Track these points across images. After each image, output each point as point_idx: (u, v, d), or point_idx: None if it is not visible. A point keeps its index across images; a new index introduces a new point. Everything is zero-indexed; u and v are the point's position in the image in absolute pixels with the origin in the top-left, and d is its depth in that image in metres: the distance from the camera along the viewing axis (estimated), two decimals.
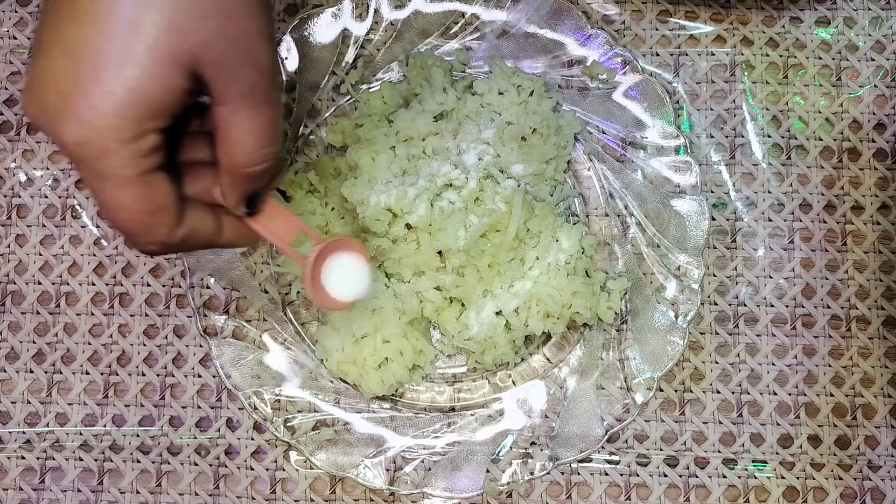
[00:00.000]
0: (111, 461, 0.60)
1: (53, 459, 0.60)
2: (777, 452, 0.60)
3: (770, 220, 0.63)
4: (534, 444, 0.58)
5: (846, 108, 0.65)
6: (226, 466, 0.60)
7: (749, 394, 0.61)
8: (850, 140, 0.64)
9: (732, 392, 0.61)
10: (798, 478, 0.60)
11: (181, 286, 0.62)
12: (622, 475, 0.60)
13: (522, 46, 0.64)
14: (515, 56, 0.64)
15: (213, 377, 0.61)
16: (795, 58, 0.65)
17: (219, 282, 0.61)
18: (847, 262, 0.63)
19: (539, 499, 0.59)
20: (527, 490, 0.59)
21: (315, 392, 0.59)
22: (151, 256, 0.62)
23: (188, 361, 0.62)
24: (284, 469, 0.60)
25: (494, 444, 0.59)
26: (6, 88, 0.65)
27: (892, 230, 0.63)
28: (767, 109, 0.65)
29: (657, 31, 0.66)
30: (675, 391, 0.61)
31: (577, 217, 0.62)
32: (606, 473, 0.60)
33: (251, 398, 0.59)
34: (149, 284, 0.62)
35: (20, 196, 0.64)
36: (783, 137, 0.64)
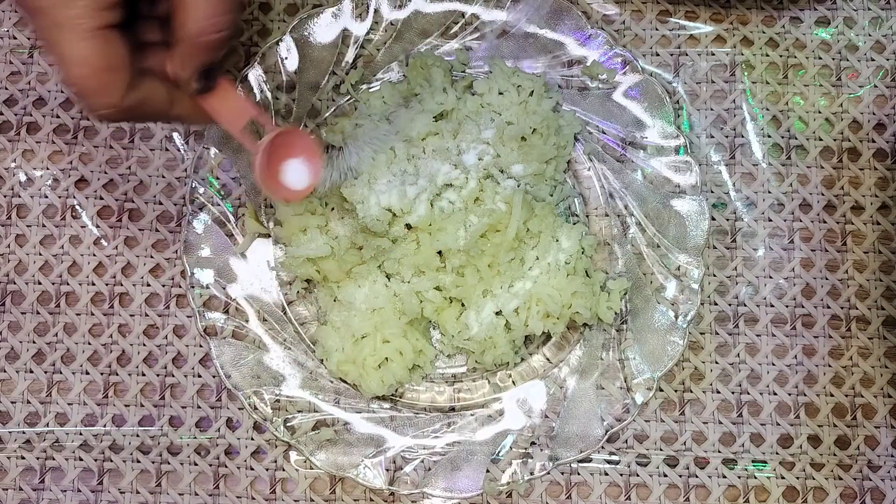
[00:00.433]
0: (111, 461, 0.60)
1: (53, 459, 0.60)
2: (777, 452, 0.60)
3: (770, 220, 0.63)
4: (534, 444, 0.58)
5: (846, 108, 0.65)
6: (226, 466, 0.60)
7: (749, 394, 0.61)
8: (850, 140, 0.64)
9: (732, 392, 0.61)
10: (798, 478, 0.60)
11: (181, 286, 0.62)
12: (622, 475, 0.60)
13: (522, 46, 0.64)
14: (515, 56, 0.64)
15: (213, 377, 0.61)
16: (795, 58, 0.65)
17: (219, 282, 0.61)
18: (847, 262, 0.63)
19: (539, 499, 0.59)
20: (527, 490, 0.59)
21: (315, 392, 0.59)
22: (107, 123, 0.63)
23: (188, 361, 0.62)
24: (284, 469, 0.60)
25: (494, 444, 0.59)
26: (6, 88, 0.65)
27: (892, 230, 0.63)
28: (767, 109, 0.65)
29: (657, 31, 0.66)
30: (675, 391, 0.61)
31: (577, 217, 0.62)
32: (606, 473, 0.60)
33: (251, 398, 0.59)
34: (149, 284, 0.62)
35: (20, 196, 0.64)
36: (783, 137, 0.64)
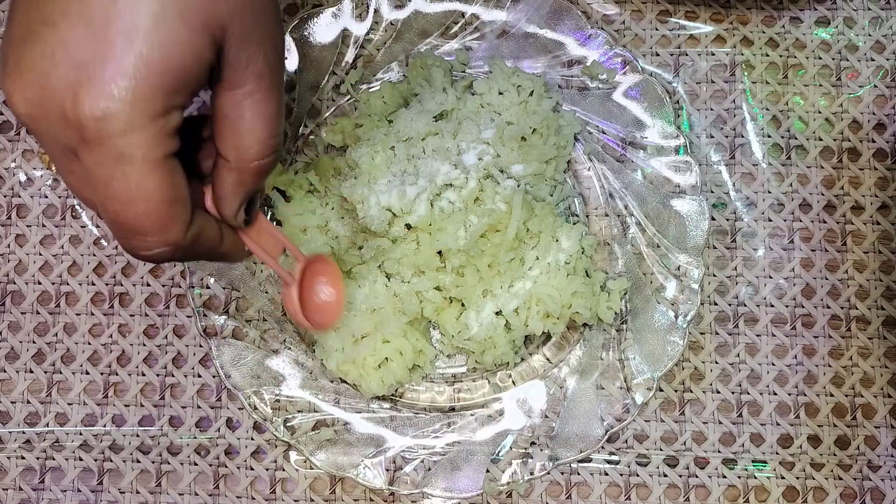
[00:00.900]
0: (111, 461, 0.60)
1: (53, 459, 0.60)
2: (777, 452, 0.60)
3: (770, 220, 0.63)
4: (534, 444, 0.58)
5: (846, 108, 0.65)
6: (226, 466, 0.60)
7: (749, 394, 0.61)
8: (850, 140, 0.64)
9: (732, 392, 0.61)
10: (798, 478, 0.60)
11: (181, 286, 0.62)
12: (622, 475, 0.60)
13: (522, 46, 0.64)
14: (515, 56, 0.64)
15: (213, 377, 0.61)
16: (795, 58, 0.65)
17: (219, 282, 0.61)
18: (847, 262, 0.63)
19: (539, 499, 0.59)
20: (527, 490, 0.59)
21: (315, 392, 0.59)
22: (153, 263, 0.58)
23: (188, 361, 0.62)
24: (284, 469, 0.60)
25: (494, 444, 0.59)
26: None
27: (892, 230, 0.63)
28: (767, 109, 0.65)
29: (657, 31, 0.66)
30: (675, 391, 0.61)
31: (577, 217, 0.62)
32: (606, 473, 0.60)
33: (251, 398, 0.59)
34: (149, 284, 0.62)
35: (20, 196, 0.64)
36: (783, 137, 0.64)
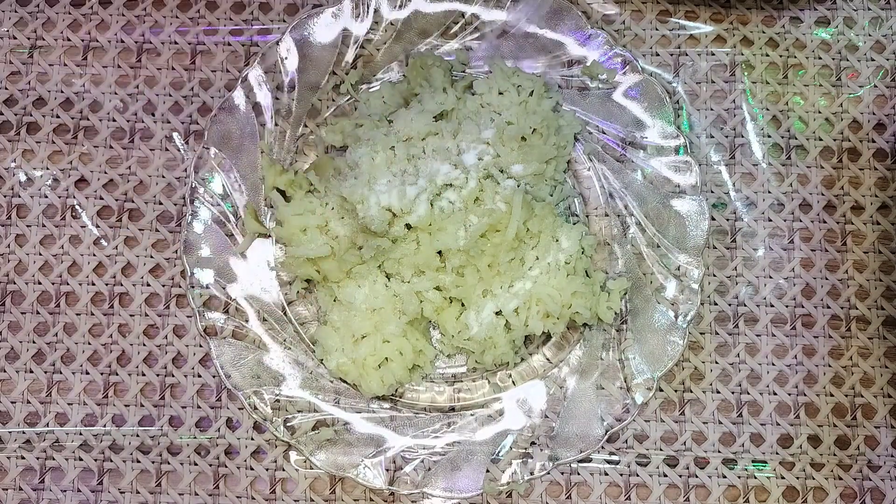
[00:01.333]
0: (111, 461, 0.60)
1: (53, 459, 0.60)
2: (777, 452, 0.60)
3: (770, 220, 0.63)
4: (534, 444, 0.58)
5: (846, 108, 0.65)
6: (226, 466, 0.60)
7: (749, 394, 0.61)
8: (850, 140, 0.64)
9: (732, 392, 0.61)
10: (798, 478, 0.60)
11: (181, 286, 0.62)
12: (622, 475, 0.60)
13: (522, 46, 0.64)
14: (515, 56, 0.64)
15: (213, 377, 0.61)
16: (795, 58, 0.65)
17: (219, 282, 0.61)
18: (847, 262, 0.63)
19: (539, 499, 0.59)
20: (527, 490, 0.59)
21: (315, 392, 0.59)
22: None
23: (188, 361, 0.62)
24: (284, 469, 0.60)
25: (494, 444, 0.59)
26: (6, 88, 0.65)
27: (892, 230, 0.63)
28: (767, 109, 0.65)
29: (657, 31, 0.66)
30: (675, 391, 0.61)
31: (577, 217, 0.62)
32: (606, 473, 0.60)
33: (251, 398, 0.59)
34: (149, 284, 0.62)
35: (20, 196, 0.64)
36: (783, 137, 0.64)
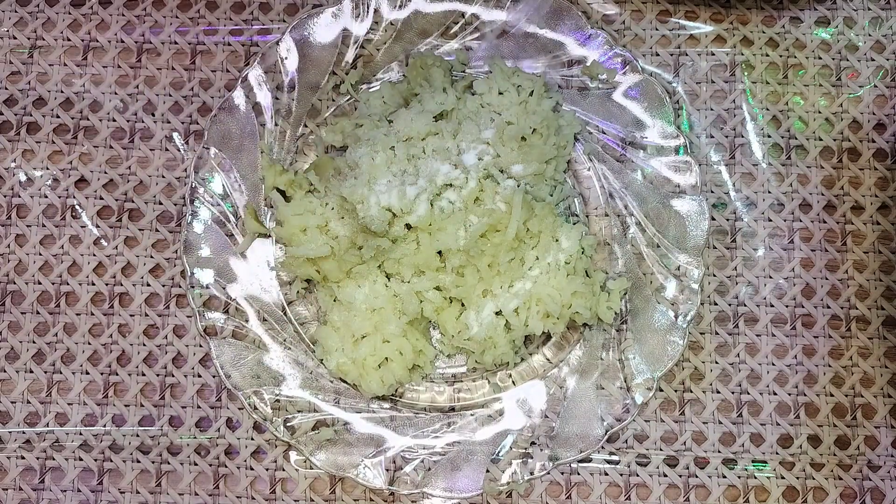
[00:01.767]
0: (111, 461, 0.60)
1: (53, 459, 0.60)
2: (777, 452, 0.60)
3: (770, 220, 0.63)
4: (534, 444, 0.58)
5: (846, 108, 0.65)
6: (226, 466, 0.60)
7: (749, 394, 0.61)
8: (850, 140, 0.64)
9: (732, 392, 0.61)
10: (798, 478, 0.60)
11: (181, 286, 0.62)
12: (622, 475, 0.60)
13: (522, 46, 0.64)
14: (515, 56, 0.64)
15: (213, 377, 0.61)
16: (795, 58, 0.65)
17: (219, 282, 0.61)
18: (847, 262, 0.63)
19: (539, 499, 0.59)
20: (527, 490, 0.59)
21: (315, 392, 0.59)
22: None
23: (188, 361, 0.62)
24: (284, 469, 0.60)
25: (494, 444, 0.59)
26: (6, 88, 0.65)
27: (892, 230, 0.63)
28: (767, 109, 0.65)
29: (657, 31, 0.66)
30: (675, 391, 0.61)
31: (577, 217, 0.62)
32: (606, 473, 0.60)
33: (251, 398, 0.59)
34: (149, 284, 0.62)
35: (20, 196, 0.64)
36: (783, 137, 0.64)
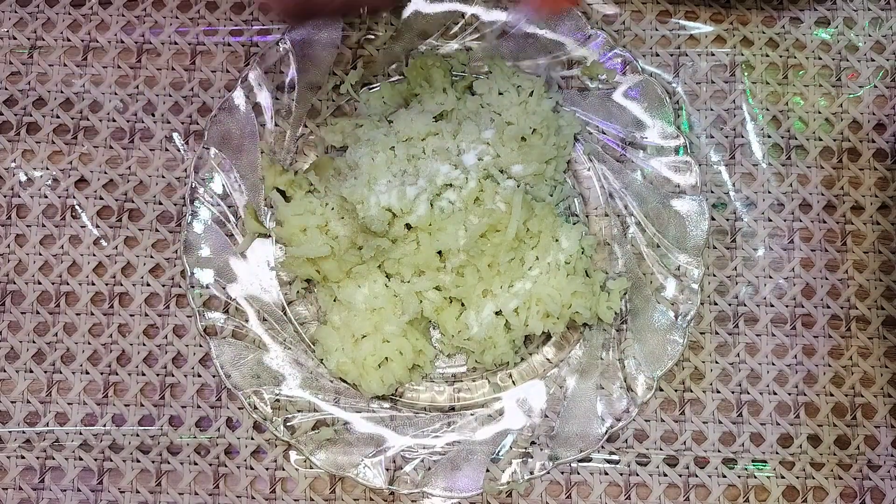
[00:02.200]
0: (111, 461, 0.60)
1: (53, 459, 0.60)
2: (777, 452, 0.60)
3: (770, 220, 0.63)
4: (534, 444, 0.58)
5: (846, 109, 0.65)
6: (226, 466, 0.60)
7: (749, 394, 0.61)
8: (850, 140, 0.64)
9: (732, 392, 0.61)
10: (798, 477, 0.60)
11: (181, 286, 0.62)
12: (622, 475, 0.60)
13: (522, 46, 0.64)
14: (515, 56, 0.64)
15: (213, 377, 0.61)
16: (795, 58, 0.65)
17: (219, 282, 0.61)
18: (847, 262, 0.63)
19: (539, 498, 0.59)
20: (527, 490, 0.59)
21: (315, 392, 0.59)
22: (294, 20, 0.60)
23: (188, 361, 0.62)
24: (284, 469, 0.60)
25: (494, 444, 0.59)
26: (6, 88, 0.65)
27: (892, 230, 0.63)
28: (767, 110, 0.65)
29: (657, 32, 0.66)
30: (675, 391, 0.61)
31: (577, 217, 0.62)
32: (606, 473, 0.60)
33: (251, 398, 0.59)
34: (149, 284, 0.62)
35: (20, 196, 0.64)
36: (783, 137, 0.64)
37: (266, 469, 0.60)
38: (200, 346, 0.62)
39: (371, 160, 0.58)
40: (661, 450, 0.60)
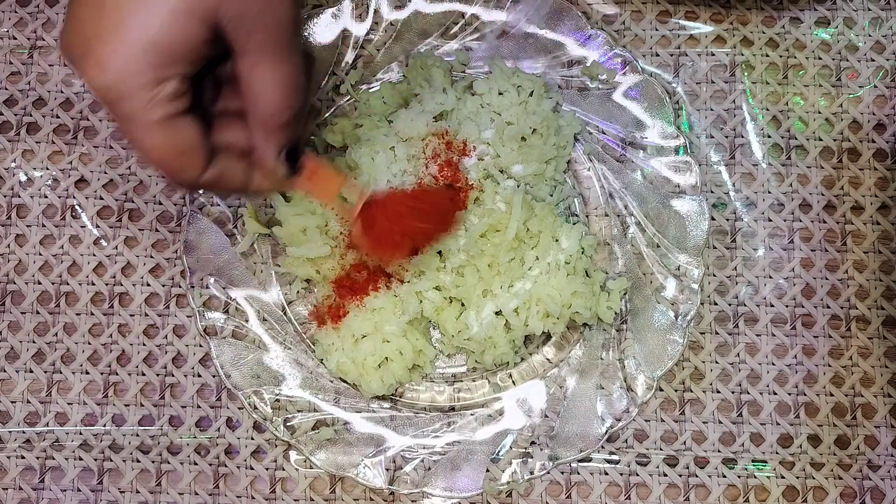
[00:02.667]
0: (111, 461, 0.60)
1: (53, 459, 0.60)
2: (777, 452, 0.60)
3: (770, 220, 0.63)
4: (534, 444, 0.58)
5: (846, 109, 0.65)
6: (226, 466, 0.60)
7: (749, 394, 0.61)
8: (850, 140, 0.64)
9: (732, 392, 0.61)
10: (798, 477, 0.60)
11: (181, 286, 0.62)
12: (622, 475, 0.60)
13: (522, 46, 0.64)
14: (515, 56, 0.64)
15: (213, 377, 0.61)
16: (795, 58, 0.65)
17: (219, 282, 0.61)
18: (847, 262, 0.63)
19: (539, 498, 0.59)
20: (527, 490, 0.59)
21: (315, 392, 0.59)
22: (190, 190, 0.62)
23: (188, 361, 0.62)
24: (284, 469, 0.60)
25: (494, 444, 0.59)
26: (6, 88, 0.65)
27: (892, 230, 0.63)
28: (767, 110, 0.65)
29: (657, 32, 0.66)
30: (675, 391, 0.61)
31: (577, 217, 0.62)
32: (606, 473, 0.60)
33: (251, 398, 0.59)
34: (149, 284, 0.62)
35: (20, 196, 0.64)
36: (783, 137, 0.64)
37: (266, 469, 0.60)
38: (200, 346, 0.62)
39: (371, 160, 0.58)
40: (661, 450, 0.60)
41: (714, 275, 0.62)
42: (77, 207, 0.64)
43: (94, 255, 0.63)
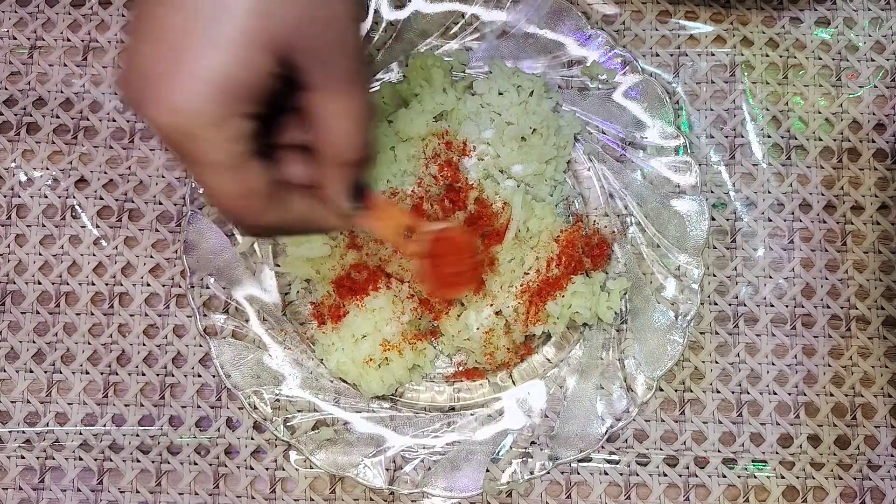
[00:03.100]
0: (111, 461, 0.60)
1: (53, 459, 0.60)
2: (777, 452, 0.60)
3: (770, 220, 0.63)
4: (534, 444, 0.58)
5: (846, 109, 0.65)
6: (226, 466, 0.60)
7: (749, 394, 0.61)
8: (850, 140, 0.64)
9: (732, 392, 0.61)
10: (798, 477, 0.60)
11: (181, 286, 0.62)
12: (622, 475, 0.60)
13: (522, 46, 0.64)
14: (515, 56, 0.64)
15: (213, 377, 0.61)
16: (795, 58, 0.65)
17: (219, 281, 0.61)
18: (847, 262, 0.63)
19: (539, 498, 0.59)
20: (527, 490, 0.59)
21: (315, 392, 0.59)
22: (256, 236, 0.60)
23: (188, 361, 0.62)
24: (284, 469, 0.60)
25: (494, 444, 0.59)
26: (6, 88, 0.65)
27: (892, 230, 0.63)
28: (767, 110, 0.65)
29: (657, 32, 0.66)
30: (675, 391, 0.61)
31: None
32: (606, 473, 0.60)
33: (251, 398, 0.59)
34: (149, 284, 0.62)
35: (20, 196, 0.64)
36: (783, 137, 0.64)
37: (266, 469, 0.60)
38: (200, 346, 0.62)
39: None
40: (661, 450, 0.60)
41: (714, 275, 0.62)
42: (77, 207, 0.64)
43: (94, 256, 0.63)
